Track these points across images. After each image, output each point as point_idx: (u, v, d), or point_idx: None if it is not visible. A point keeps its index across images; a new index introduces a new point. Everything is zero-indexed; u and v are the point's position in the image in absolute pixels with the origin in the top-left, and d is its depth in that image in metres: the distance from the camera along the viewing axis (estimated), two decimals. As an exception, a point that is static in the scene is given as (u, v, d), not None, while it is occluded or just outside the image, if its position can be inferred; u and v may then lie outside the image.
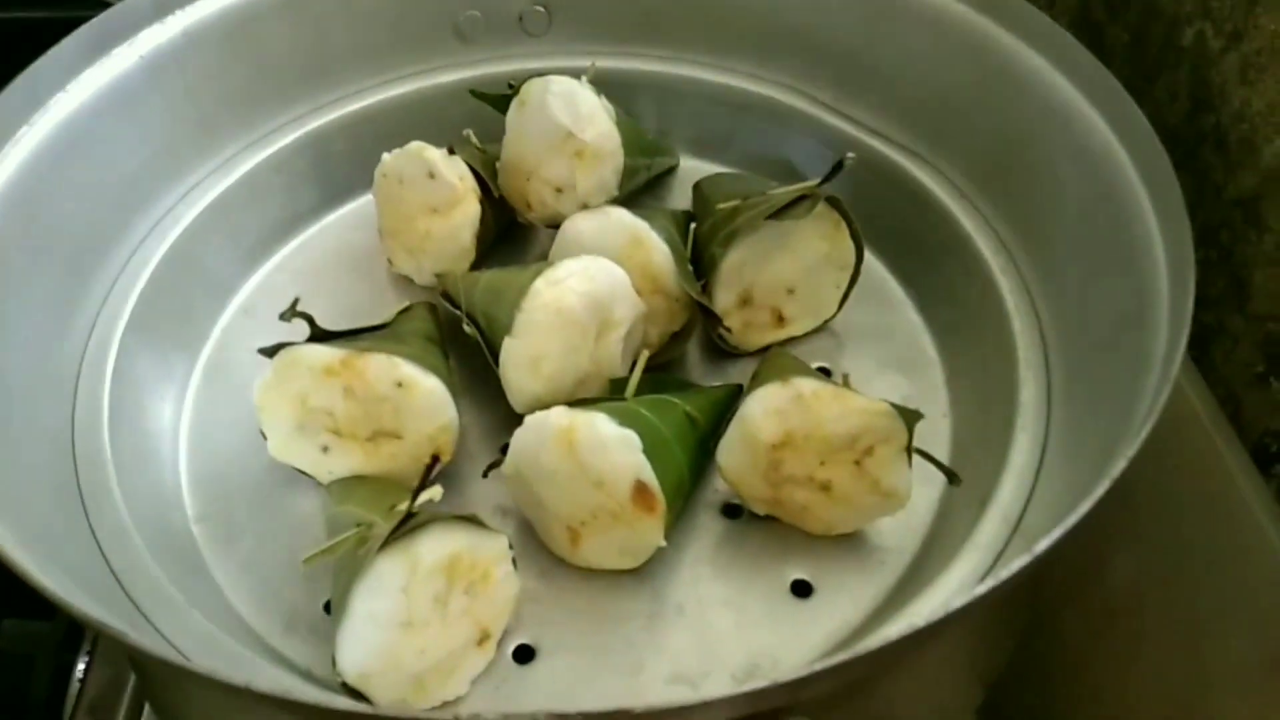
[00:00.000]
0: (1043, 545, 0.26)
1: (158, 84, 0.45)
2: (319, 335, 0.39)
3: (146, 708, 0.55)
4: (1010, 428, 0.39)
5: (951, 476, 0.38)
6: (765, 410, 0.37)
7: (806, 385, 0.37)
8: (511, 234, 0.51)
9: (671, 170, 0.54)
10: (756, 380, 0.39)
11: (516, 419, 0.40)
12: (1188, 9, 0.46)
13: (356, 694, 0.33)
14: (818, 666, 0.24)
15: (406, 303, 0.47)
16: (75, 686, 0.56)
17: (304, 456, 0.39)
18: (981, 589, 0.25)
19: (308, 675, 0.36)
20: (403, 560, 0.33)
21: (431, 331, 0.42)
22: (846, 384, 0.38)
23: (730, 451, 0.39)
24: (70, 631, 0.59)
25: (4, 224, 0.39)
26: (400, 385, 0.38)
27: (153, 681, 0.39)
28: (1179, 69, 0.47)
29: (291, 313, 0.38)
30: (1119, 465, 0.28)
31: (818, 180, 0.42)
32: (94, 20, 0.43)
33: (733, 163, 0.54)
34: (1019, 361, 0.41)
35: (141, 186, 0.45)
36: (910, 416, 0.36)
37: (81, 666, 0.57)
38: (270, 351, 0.38)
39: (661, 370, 0.45)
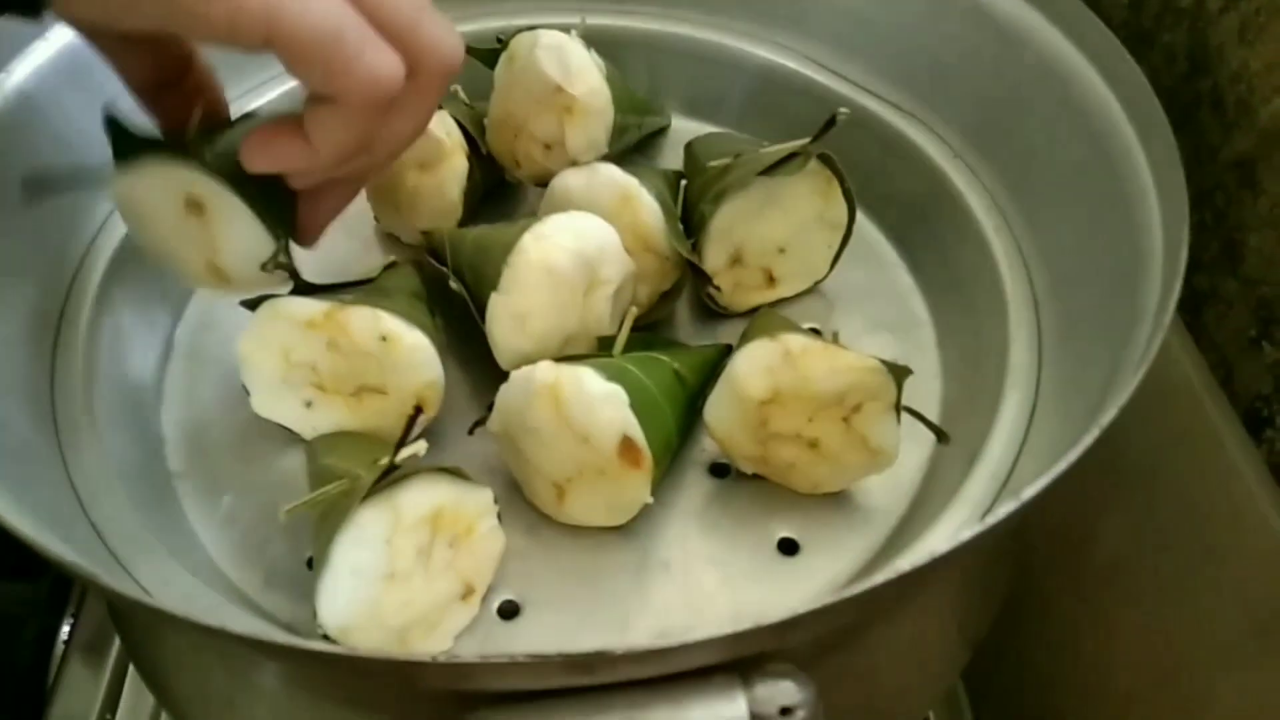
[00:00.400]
0: (1030, 492, 0.26)
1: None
2: (302, 288, 0.38)
3: (131, 672, 0.55)
4: (1000, 387, 0.39)
5: (940, 435, 0.38)
6: (753, 367, 0.37)
7: (795, 342, 0.36)
8: (500, 192, 0.51)
9: (663, 130, 0.54)
10: (745, 338, 0.39)
11: (504, 376, 0.40)
12: (1187, -32, 0.45)
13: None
14: (802, 609, 0.23)
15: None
16: (60, 650, 0.56)
17: (288, 412, 0.39)
18: (967, 534, 0.25)
19: (289, 630, 0.36)
20: (386, 512, 0.33)
21: (417, 288, 0.42)
22: (836, 341, 0.38)
23: (718, 408, 0.38)
24: (54, 595, 0.59)
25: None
26: (384, 339, 0.38)
27: (131, 634, 0.39)
28: (1177, 30, 0.46)
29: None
30: (1109, 414, 0.27)
31: (809, 138, 0.42)
32: None
33: (725, 123, 0.53)
34: (1010, 321, 0.40)
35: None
36: (899, 373, 0.36)
37: (66, 631, 0.57)
38: (253, 304, 0.38)
39: (650, 330, 0.45)
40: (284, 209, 0.36)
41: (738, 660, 0.25)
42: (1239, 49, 0.42)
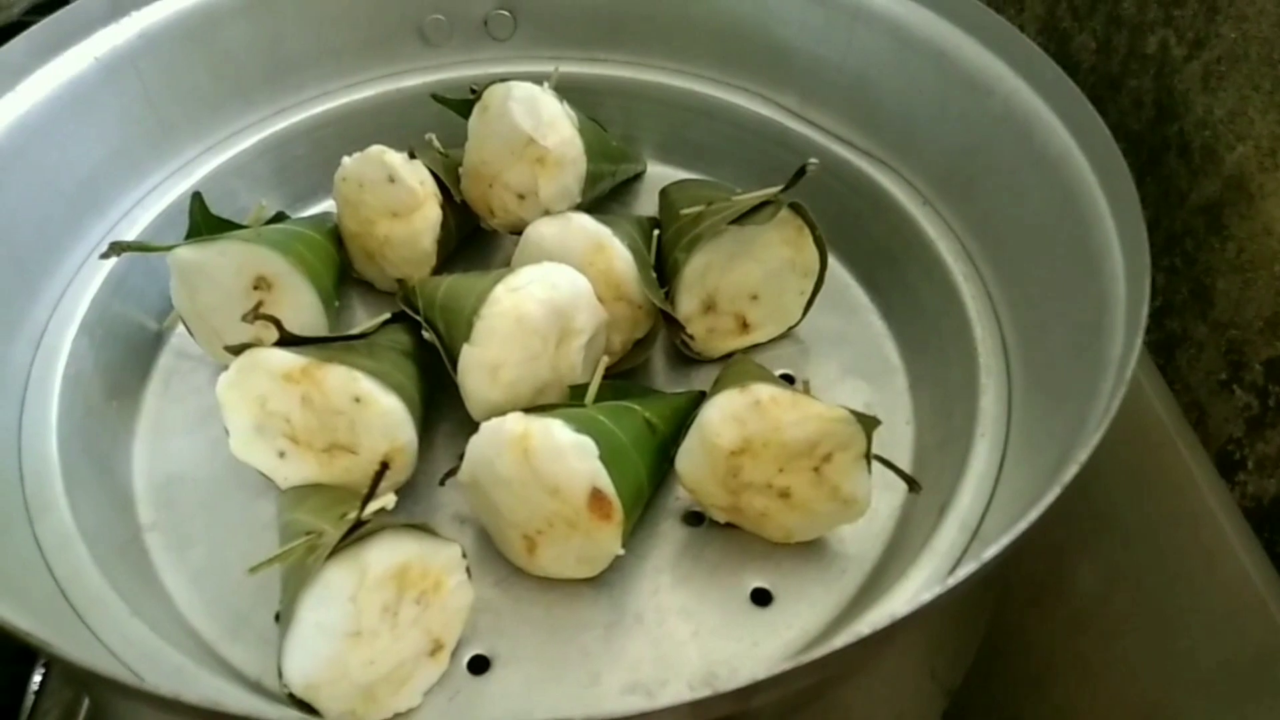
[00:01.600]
0: (991, 552, 0.26)
1: (113, 86, 0.44)
2: (287, 339, 0.38)
3: (102, 720, 0.54)
4: (971, 434, 0.39)
5: (911, 484, 0.38)
6: (724, 416, 0.37)
7: (765, 391, 0.37)
8: (476, 240, 0.51)
9: (638, 176, 0.54)
10: (716, 386, 0.39)
11: (475, 426, 0.40)
12: (1151, 16, 0.46)
13: (304, 705, 0.33)
14: (761, 675, 0.23)
15: (367, 308, 0.47)
16: (30, 699, 0.55)
17: (263, 459, 0.39)
18: (927, 595, 0.25)
19: (257, 686, 0.35)
20: (351, 569, 0.32)
21: (409, 347, 0.42)
22: (807, 390, 0.38)
23: (689, 458, 0.38)
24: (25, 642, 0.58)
25: (-49, 225, 0.38)
26: (358, 400, 0.37)
27: (95, 696, 0.38)
28: (1144, 76, 0.47)
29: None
30: (1071, 470, 0.27)
31: (781, 186, 0.42)
32: (46, 20, 0.42)
33: (700, 169, 0.54)
34: (980, 368, 0.40)
35: (96, 190, 0.44)
36: (868, 423, 0.36)
37: (37, 678, 0.56)
38: (237, 350, 0.38)
39: (625, 377, 0.45)
40: (334, 283, 0.44)
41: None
42: (1203, 95, 0.43)
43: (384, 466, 0.33)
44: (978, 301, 0.43)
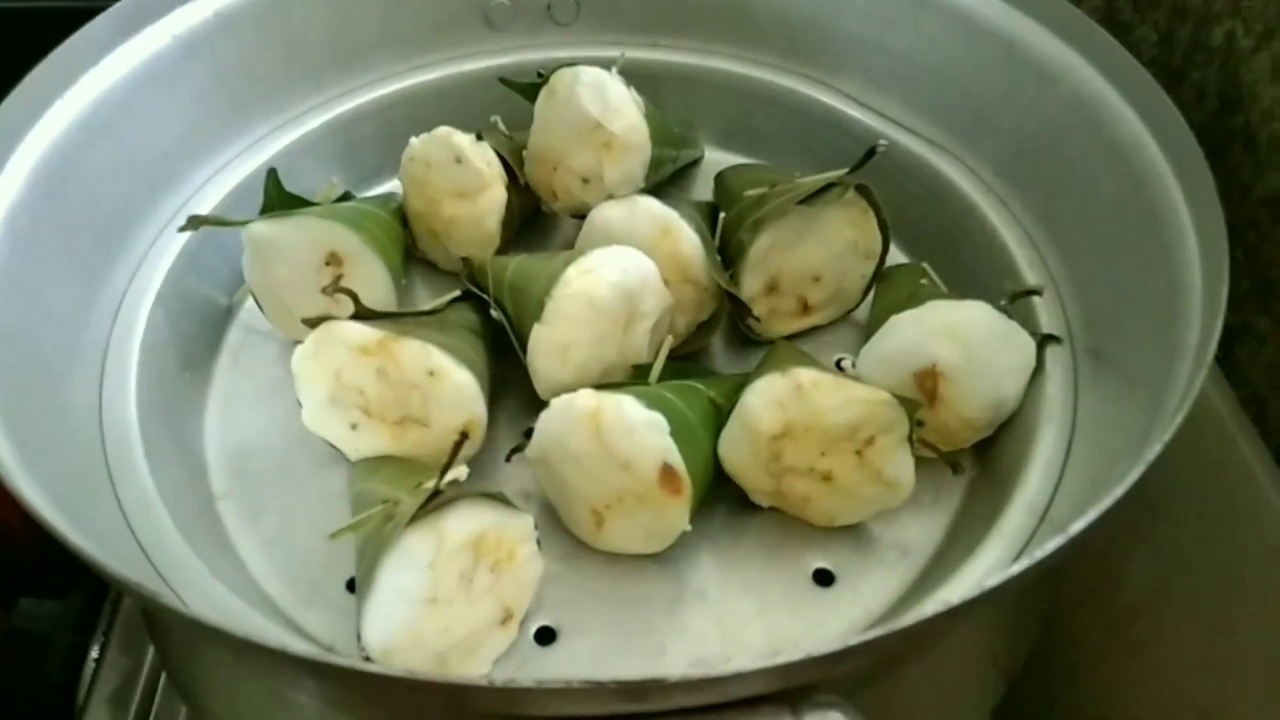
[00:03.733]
0: (1078, 526, 0.26)
1: (189, 64, 0.45)
2: (362, 313, 0.39)
3: (160, 691, 0.55)
4: (1036, 419, 0.39)
5: (954, 466, 0.38)
6: (764, 401, 0.37)
7: (806, 375, 0.36)
8: (534, 221, 0.51)
9: (696, 162, 0.55)
10: (756, 372, 0.39)
11: (538, 403, 0.40)
12: (1217, 8, 0.46)
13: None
14: (853, 640, 0.24)
15: (428, 286, 0.47)
16: (90, 668, 0.56)
17: (334, 430, 0.39)
18: (1016, 568, 0.25)
19: (330, 652, 0.36)
20: (430, 536, 0.33)
21: (476, 325, 0.42)
22: (847, 371, 0.38)
23: (731, 443, 0.38)
24: (85, 613, 0.59)
25: (36, 198, 0.39)
26: (432, 374, 0.38)
27: (174, 656, 0.39)
28: (1208, 68, 0.47)
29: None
30: (1154, 449, 0.28)
31: (848, 168, 0.42)
32: (128, -1, 0.43)
33: (758, 154, 0.54)
34: (1044, 355, 0.41)
35: (171, 165, 0.45)
36: (911, 406, 0.36)
37: (96, 649, 0.57)
38: (314, 322, 0.38)
39: (684, 360, 0.45)
40: (401, 260, 0.45)
41: (785, 691, 0.25)
42: (1271, 86, 0.43)
43: (463, 436, 0.34)
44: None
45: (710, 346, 0.47)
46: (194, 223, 0.41)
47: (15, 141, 0.39)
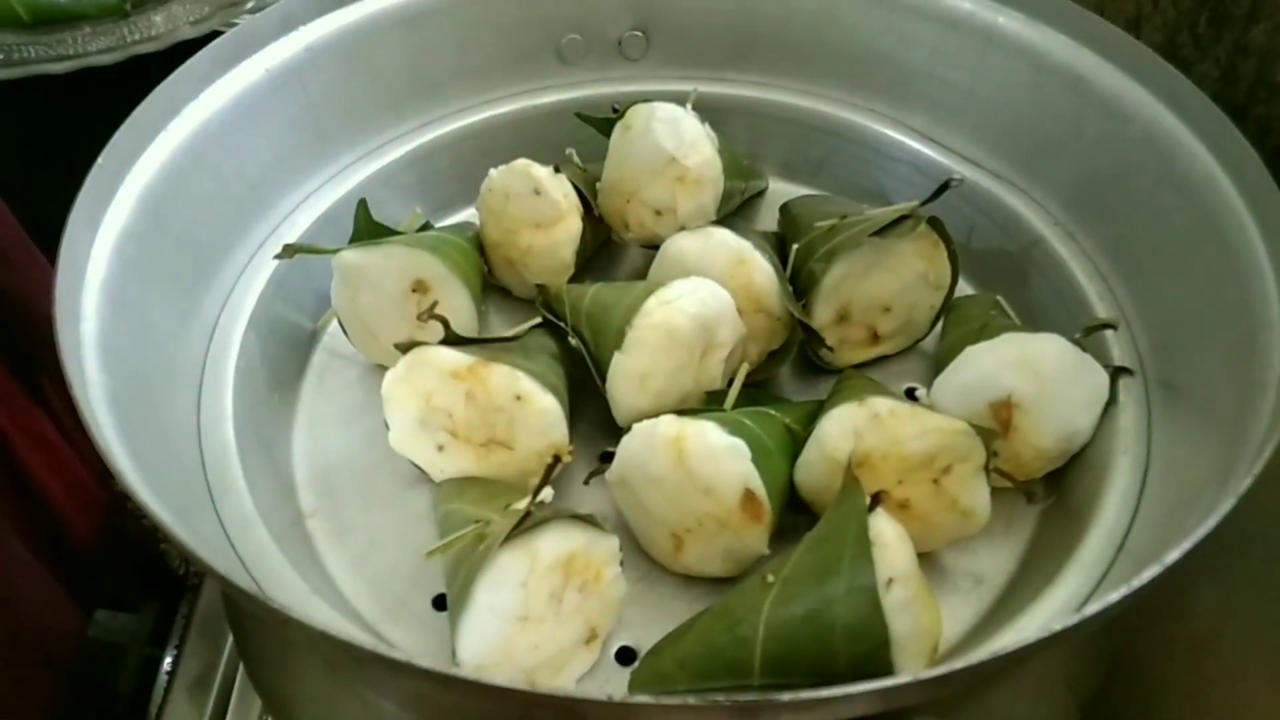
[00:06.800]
0: (1173, 556, 0.27)
1: (281, 96, 0.47)
2: (452, 339, 0.40)
3: (233, 702, 0.57)
4: (1110, 451, 0.39)
5: (1029, 495, 0.38)
6: (842, 429, 0.38)
7: (883, 405, 0.37)
8: (602, 250, 0.53)
9: (760, 193, 0.56)
10: (831, 401, 0.40)
11: (611, 426, 0.41)
12: (1282, 45, 0.46)
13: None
14: (958, 664, 0.24)
15: (501, 313, 0.49)
16: (163, 680, 0.58)
17: (421, 452, 0.41)
18: (1115, 595, 0.26)
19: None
20: (523, 556, 0.34)
21: (555, 350, 0.44)
22: (925, 399, 0.38)
23: (808, 469, 0.39)
24: (157, 626, 0.60)
25: (142, 224, 0.40)
26: (519, 399, 0.39)
27: (265, 672, 0.40)
28: (1273, 104, 0.47)
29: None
30: (1244, 482, 0.28)
31: (920, 201, 0.43)
32: (227, 34, 0.45)
33: (822, 186, 0.55)
34: (1119, 387, 0.41)
35: (262, 193, 0.47)
36: (988, 435, 0.37)
37: (169, 661, 0.58)
38: (405, 348, 0.40)
39: (754, 388, 0.46)
40: (481, 288, 0.46)
41: (885, 713, 0.26)
42: (1338, 125, 0.43)
43: (556, 459, 0.35)
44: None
45: (778, 374, 0.47)
46: (289, 251, 0.43)
47: (125, 170, 0.40)
